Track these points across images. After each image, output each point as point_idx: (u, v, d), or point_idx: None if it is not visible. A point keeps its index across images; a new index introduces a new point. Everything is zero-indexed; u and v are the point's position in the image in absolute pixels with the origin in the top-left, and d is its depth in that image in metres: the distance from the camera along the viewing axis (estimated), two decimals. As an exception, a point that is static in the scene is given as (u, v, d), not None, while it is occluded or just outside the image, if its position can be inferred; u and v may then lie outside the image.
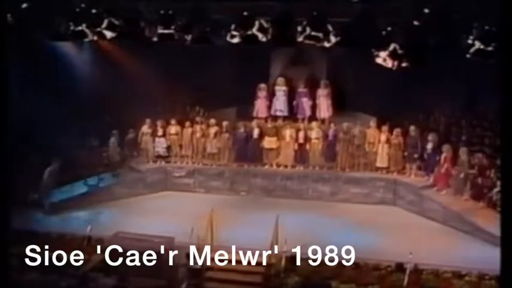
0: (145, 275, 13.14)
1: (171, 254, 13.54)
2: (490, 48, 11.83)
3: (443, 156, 16.67)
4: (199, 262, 13.46)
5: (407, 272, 13.08)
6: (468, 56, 12.21)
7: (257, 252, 13.94)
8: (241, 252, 14.07)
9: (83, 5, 13.97)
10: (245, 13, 13.30)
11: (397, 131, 17.46)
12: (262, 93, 18.51)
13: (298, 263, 13.80)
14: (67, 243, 14.82)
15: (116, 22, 13.91)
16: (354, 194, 17.61)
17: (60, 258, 14.16)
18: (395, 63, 12.91)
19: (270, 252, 13.79)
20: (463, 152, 16.47)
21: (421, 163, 17.46)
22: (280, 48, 17.95)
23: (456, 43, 12.34)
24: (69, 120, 17.78)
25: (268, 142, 18.08)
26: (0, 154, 9.13)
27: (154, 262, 13.26)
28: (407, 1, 12.69)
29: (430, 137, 17.23)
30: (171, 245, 13.69)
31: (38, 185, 17.57)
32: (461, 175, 16.20)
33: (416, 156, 17.34)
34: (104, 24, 13.92)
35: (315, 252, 14.11)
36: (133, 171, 18.24)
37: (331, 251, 14.20)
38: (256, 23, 13.22)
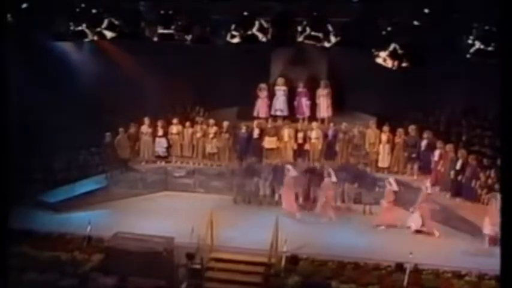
0: (145, 275, 13.14)
1: (171, 254, 13.56)
2: (490, 48, 11.85)
3: (437, 152, 16.68)
4: (199, 262, 13.46)
5: (407, 272, 13.09)
6: (468, 56, 12.23)
7: (257, 252, 13.95)
8: (241, 252, 14.09)
9: (83, 5, 14.01)
10: (245, 13, 13.32)
11: (399, 131, 17.44)
12: (263, 94, 18.48)
13: (298, 263, 13.81)
14: (67, 243, 14.82)
15: (116, 22, 13.95)
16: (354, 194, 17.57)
17: (60, 258, 14.19)
18: (395, 63, 12.91)
19: (270, 252, 13.79)
20: (449, 148, 16.52)
21: (420, 163, 17.43)
22: (280, 48, 17.93)
23: (456, 43, 12.36)
24: (69, 119, 17.77)
25: (269, 142, 18.05)
26: (0, 154, 9.13)
27: (154, 262, 13.26)
28: (407, 1, 12.71)
29: (425, 134, 17.22)
30: (171, 245, 13.70)
31: (39, 185, 17.63)
32: (451, 173, 16.26)
33: (414, 155, 17.32)
34: (104, 24, 13.96)
35: (315, 252, 14.14)
36: (132, 171, 18.22)
37: (331, 251, 14.22)
38: (256, 23, 13.25)
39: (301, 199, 16.86)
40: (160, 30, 13.82)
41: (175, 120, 18.62)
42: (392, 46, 12.80)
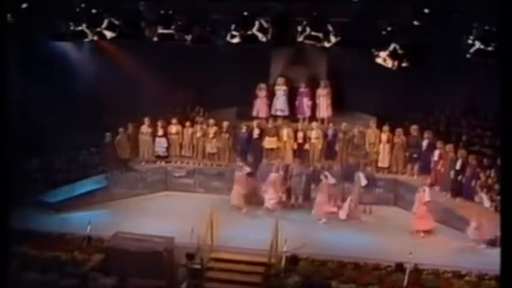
0: (145, 275, 13.15)
1: (171, 254, 13.56)
2: (490, 48, 11.84)
3: (437, 152, 16.69)
4: (199, 262, 13.46)
5: (407, 272, 13.09)
6: (468, 56, 12.22)
7: (257, 252, 13.95)
8: (241, 252, 14.08)
9: (83, 5, 14.00)
10: (245, 13, 13.31)
11: (398, 131, 17.44)
12: (262, 93, 18.48)
13: (298, 263, 13.81)
14: (67, 243, 14.83)
15: (116, 22, 13.93)
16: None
17: (60, 258, 14.19)
18: (395, 63, 12.89)
19: (270, 252, 13.79)
20: (449, 148, 16.56)
21: (420, 163, 17.43)
22: (280, 48, 17.94)
23: (456, 43, 12.35)
24: (69, 119, 17.77)
25: (269, 142, 18.05)
26: (0, 154, 9.13)
27: (154, 262, 13.26)
28: (407, 1, 12.70)
29: (426, 134, 17.23)
30: (171, 245, 13.70)
31: (39, 185, 17.63)
32: (451, 173, 16.29)
33: (415, 156, 17.32)
34: (104, 24, 13.94)
35: (315, 252, 14.14)
36: (132, 171, 18.22)
37: (331, 251, 14.22)
38: (256, 23, 13.23)
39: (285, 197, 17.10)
40: (160, 30, 13.79)
41: (174, 120, 18.62)
42: (392, 46, 12.77)
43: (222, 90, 19.03)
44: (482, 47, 11.91)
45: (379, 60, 13.12)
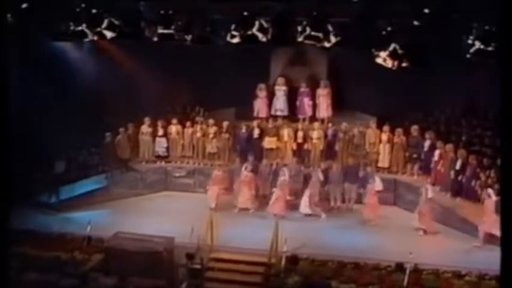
0: (145, 275, 13.15)
1: (171, 254, 13.56)
2: (490, 48, 11.84)
3: (437, 152, 16.69)
4: (199, 262, 13.46)
5: (407, 272, 13.09)
6: (468, 56, 12.22)
7: (257, 252, 13.95)
8: (241, 252, 14.08)
9: (83, 5, 13.99)
10: (245, 13, 13.31)
11: (398, 130, 17.45)
12: (262, 93, 18.50)
13: (298, 263, 13.81)
14: (67, 243, 14.83)
15: (116, 22, 13.93)
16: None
17: (60, 258, 14.19)
18: (395, 63, 12.89)
19: (270, 252, 13.79)
20: (449, 148, 16.58)
21: (421, 163, 17.44)
22: (280, 48, 17.94)
23: (456, 43, 12.35)
24: (69, 119, 17.78)
25: (269, 142, 18.06)
26: (0, 154, 9.13)
27: (154, 262, 13.26)
28: (407, 1, 12.70)
29: (428, 135, 17.23)
30: (171, 245, 13.71)
31: (39, 185, 17.62)
32: (451, 173, 16.29)
33: (415, 156, 17.33)
34: (104, 24, 13.94)
35: (315, 252, 14.14)
36: (132, 171, 18.22)
37: (331, 251, 14.22)
38: (256, 23, 13.23)
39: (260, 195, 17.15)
40: (160, 30, 13.80)
41: (174, 120, 18.64)
42: (392, 46, 12.77)
43: (222, 90, 19.05)
44: (482, 47, 11.91)
45: (379, 60, 13.12)
